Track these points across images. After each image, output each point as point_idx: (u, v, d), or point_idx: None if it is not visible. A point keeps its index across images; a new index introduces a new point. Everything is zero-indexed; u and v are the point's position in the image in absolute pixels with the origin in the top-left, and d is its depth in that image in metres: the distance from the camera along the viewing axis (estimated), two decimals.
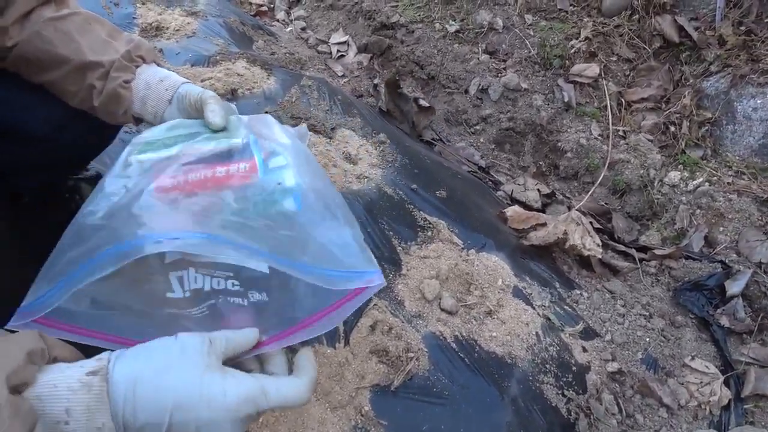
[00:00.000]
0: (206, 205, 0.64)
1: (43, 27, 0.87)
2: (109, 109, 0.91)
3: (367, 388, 1.02)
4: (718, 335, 1.39)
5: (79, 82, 0.90)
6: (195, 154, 0.72)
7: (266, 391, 0.56)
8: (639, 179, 1.64)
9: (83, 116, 0.97)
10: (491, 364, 1.12)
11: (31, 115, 0.95)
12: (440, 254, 1.28)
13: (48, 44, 0.88)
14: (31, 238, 1.20)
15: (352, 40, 2.19)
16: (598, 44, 1.90)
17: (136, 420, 0.51)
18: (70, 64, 0.88)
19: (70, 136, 1.01)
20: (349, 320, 1.10)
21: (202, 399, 0.53)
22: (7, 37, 0.87)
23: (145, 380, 0.52)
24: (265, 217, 0.64)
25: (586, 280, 1.45)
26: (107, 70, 0.89)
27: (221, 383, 0.54)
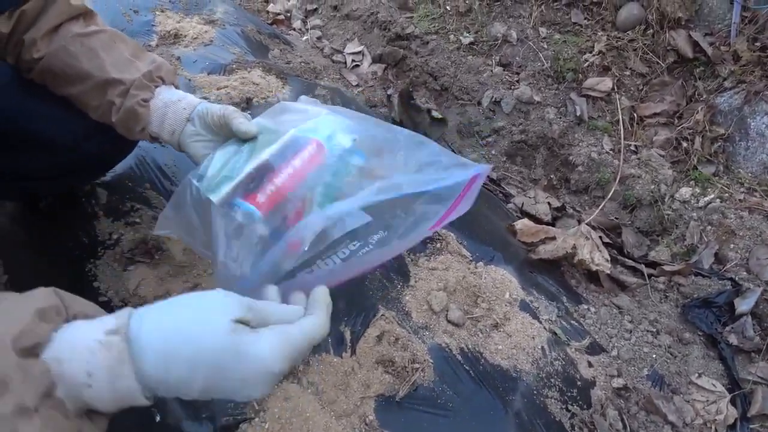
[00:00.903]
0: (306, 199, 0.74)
1: (70, 42, 0.91)
2: (128, 126, 0.95)
3: (372, 398, 1.04)
4: (726, 353, 1.38)
5: (100, 98, 0.93)
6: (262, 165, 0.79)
7: (294, 339, 0.56)
8: (650, 194, 1.64)
9: (106, 128, 1.00)
10: (496, 377, 1.13)
11: (57, 126, 0.99)
12: (448, 266, 1.29)
13: (73, 59, 0.91)
14: (48, 241, 1.23)
15: (367, 50, 2.21)
16: (611, 58, 1.90)
17: (168, 377, 0.50)
18: (93, 79, 0.92)
19: (94, 146, 1.04)
20: (356, 330, 1.12)
21: (236, 357, 0.51)
22: (35, 49, 0.91)
23: (174, 339, 0.51)
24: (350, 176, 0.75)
25: (593, 295, 1.45)
26: (127, 88, 0.92)
27: (256, 341, 0.53)
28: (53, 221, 1.25)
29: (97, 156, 1.07)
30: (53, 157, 1.02)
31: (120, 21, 1.92)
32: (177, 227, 0.86)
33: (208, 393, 0.52)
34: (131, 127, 0.95)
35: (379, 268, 0.87)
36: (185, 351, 0.50)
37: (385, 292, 1.21)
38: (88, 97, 0.95)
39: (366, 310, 1.16)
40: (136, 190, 1.30)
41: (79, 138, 1.00)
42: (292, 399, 1.00)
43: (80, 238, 1.20)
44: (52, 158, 1.03)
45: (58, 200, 1.27)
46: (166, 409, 0.97)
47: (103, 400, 0.49)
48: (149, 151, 1.38)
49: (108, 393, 0.48)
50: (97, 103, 0.94)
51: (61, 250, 1.19)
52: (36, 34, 0.91)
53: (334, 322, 1.12)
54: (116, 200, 1.27)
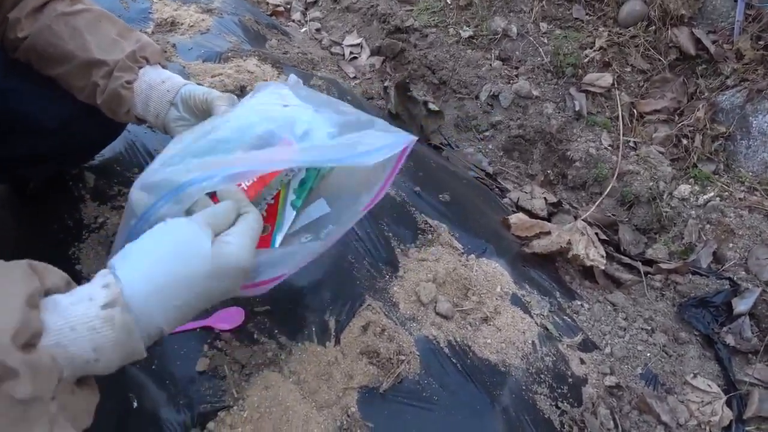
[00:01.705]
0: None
1: (54, 21, 0.89)
2: (112, 108, 0.92)
3: (355, 389, 1.01)
4: (722, 354, 1.35)
5: (85, 79, 0.91)
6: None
7: (250, 235, 0.63)
8: (648, 191, 1.61)
9: (93, 110, 0.99)
10: (484, 371, 1.10)
11: (43, 107, 0.97)
12: (439, 258, 1.26)
13: (57, 39, 0.89)
14: (34, 224, 1.21)
15: (366, 43, 2.19)
16: (612, 54, 1.88)
17: (173, 322, 0.56)
18: (77, 60, 0.89)
19: (81, 127, 1.02)
20: (340, 319, 1.09)
21: (223, 272, 0.58)
22: (19, 27, 0.89)
23: (171, 289, 0.55)
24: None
25: (588, 291, 1.42)
26: (111, 69, 0.89)
27: (231, 251, 0.59)
28: (40, 204, 1.22)
29: (84, 138, 1.05)
30: (40, 139, 1.00)
31: (117, 7, 1.90)
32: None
33: (200, 309, 0.58)
34: (116, 110, 0.93)
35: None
36: (183, 294, 0.55)
37: (372, 281, 1.19)
38: (73, 78, 0.92)
39: (352, 299, 1.13)
40: (125, 174, 1.28)
41: (65, 119, 0.98)
42: (272, 388, 0.97)
43: (65, 222, 1.18)
44: (39, 140, 1.01)
45: (46, 184, 1.25)
46: (143, 395, 0.95)
47: (109, 369, 0.52)
48: (139, 135, 1.36)
49: (115, 362, 0.51)
50: (81, 84, 0.92)
51: (46, 232, 1.17)
52: (20, 13, 0.89)
53: (319, 311, 1.10)
54: (103, 184, 1.25)
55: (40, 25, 0.89)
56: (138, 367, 0.97)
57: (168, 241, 0.57)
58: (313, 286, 1.14)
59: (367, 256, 1.23)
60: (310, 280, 1.15)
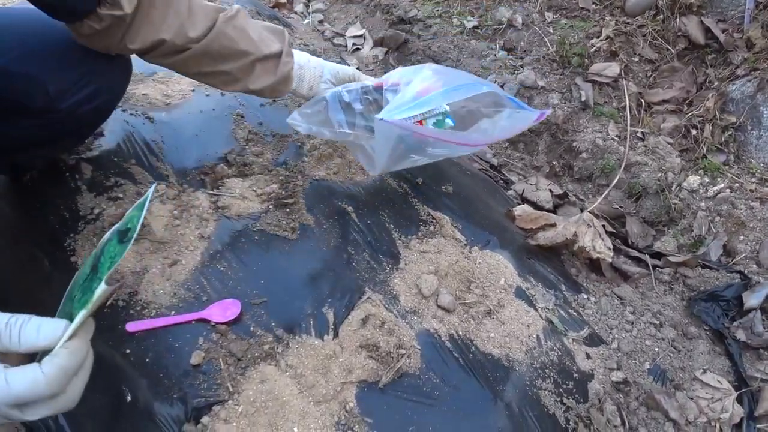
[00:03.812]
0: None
1: (224, 26, 1.04)
2: (279, 88, 1.16)
3: (353, 384, 0.98)
4: (732, 349, 1.31)
5: (249, 71, 1.10)
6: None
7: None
8: (656, 183, 1.57)
9: (79, 88, 0.97)
10: (486, 366, 1.07)
11: (29, 86, 0.95)
12: (441, 250, 1.23)
13: (230, 41, 1.05)
14: (31, 215, 1.19)
15: (369, 34, 2.16)
16: (619, 44, 1.84)
17: None
18: (247, 57, 1.08)
19: (69, 106, 1.00)
20: (339, 312, 1.07)
21: None
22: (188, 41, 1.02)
23: None
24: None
25: (594, 285, 1.39)
26: (278, 61, 1.13)
27: None
28: (36, 195, 1.21)
29: (73, 118, 1.03)
30: (29, 119, 0.99)
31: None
32: (309, 121, 1.24)
33: None
34: (281, 90, 1.17)
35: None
36: None
37: (372, 274, 1.16)
38: (238, 72, 1.10)
39: (351, 291, 1.11)
40: (121, 165, 1.26)
41: (51, 97, 0.97)
42: (268, 382, 0.95)
43: (62, 213, 1.16)
44: (28, 121, 0.99)
45: (42, 175, 1.23)
46: (136, 389, 0.93)
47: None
48: (137, 126, 1.34)
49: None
50: (243, 75, 1.11)
51: (42, 224, 1.15)
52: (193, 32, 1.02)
53: (317, 303, 1.07)
54: (100, 175, 1.23)
55: (216, 32, 1.02)
56: (132, 359, 0.95)
57: None
58: (311, 277, 1.12)
59: (367, 247, 1.20)
60: (308, 271, 1.13)
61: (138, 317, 1.00)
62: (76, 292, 0.62)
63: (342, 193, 1.30)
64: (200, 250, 1.12)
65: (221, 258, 1.11)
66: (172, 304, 1.03)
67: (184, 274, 1.08)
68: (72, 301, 0.61)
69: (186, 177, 1.26)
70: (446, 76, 1.20)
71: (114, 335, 0.98)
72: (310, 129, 1.26)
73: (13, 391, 0.49)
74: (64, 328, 0.54)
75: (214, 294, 1.05)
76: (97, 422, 0.90)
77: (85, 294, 0.58)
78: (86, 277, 0.62)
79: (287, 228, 1.19)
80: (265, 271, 1.11)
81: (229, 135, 1.38)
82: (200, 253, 1.12)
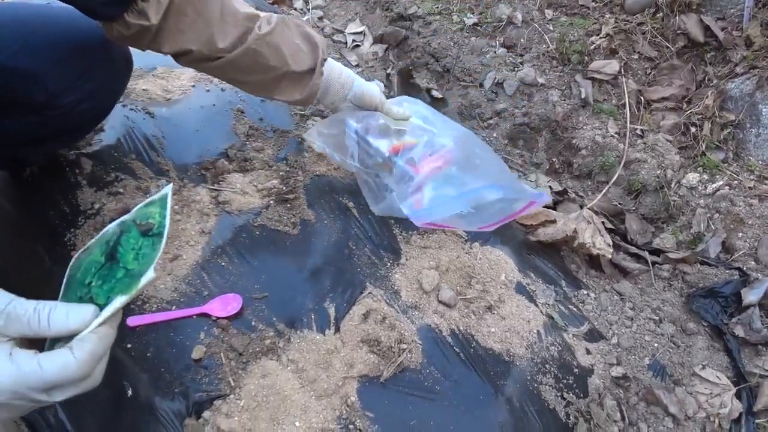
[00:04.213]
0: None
1: (258, 44, 1.01)
2: (304, 101, 1.13)
3: (355, 378, 0.98)
4: (731, 345, 1.32)
5: (276, 83, 1.09)
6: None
7: (23, 374, 0.50)
8: (655, 180, 1.58)
9: (79, 85, 0.97)
10: (487, 361, 1.08)
11: (30, 82, 0.95)
12: (442, 245, 1.23)
13: (261, 57, 1.03)
14: (31, 210, 1.19)
15: (369, 31, 2.15)
16: (619, 41, 1.84)
17: None
18: (276, 71, 1.06)
19: (69, 102, 1.00)
20: (341, 307, 1.07)
21: None
22: (218, 51, 1.00)
23: None
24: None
25: (594, 281, 1.39)
26: (308, 78, 1.10)
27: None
28: (36, 190, 1.20)
29: (74, 113, 1.03)
30: (31, 115, 0.99)
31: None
32: (325, 141, 1.28)
33: None
34: (306, 102, 1.14)
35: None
36: None
37: (373, 269, 1.16)
38: (265, 83, 1.09)
39: (353, 286, 1.11)
40: (122, 160, 1.26)
41: (51, 92, 0.96)
42: (270, 376, 0.95)
43: (62, 208, 1.16)
44: (28, 118, 0.99)
45: (42, 170, 1.23)
46: (137, 383, 0.93)
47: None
48: (138, 122, 1.34)
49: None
50: (273, 85, 1.10)
51: (42, 219, 1.15)
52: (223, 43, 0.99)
53: (318, 298, 1.07)
54: (100, 170, 1.22)
55: (245, 49, 1.00)
56: (132, 354, 0.95)
57: None
58: (312, 273, 1.12)
59: (368, 243, 1.21)
60: (309, 266, 1.13)
61: (139, 312, 1.00)
62: (89, 278, 0.62)
63: (343, 189, 1.30)
64: (201, 245, 1.12)
65: (222, 253, 1.11)
66: (173, 299, 1.03)
67: (185, 268, 1.08)
68: (85, 286, 0.61)
69: (186, 172, 1.26)
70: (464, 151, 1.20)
71: None
72: (323, 149, 1.30)
73: (46, 375, 0.50)
74: (93, 314, 0.55)
75: (215, 289, 1.05)
76: (98, 417, 0.90)
77: (108, 282, 0.60)
78: (101, 266, 0.63)
79: (288, 223, 1.19)
80: (266, 266, 1.11)
81: (229, 130, 1.38)
82: (201, 248, 1.12)
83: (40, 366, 0.50)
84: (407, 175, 1.16)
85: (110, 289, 0.59)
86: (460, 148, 1.20)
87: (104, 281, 0.60)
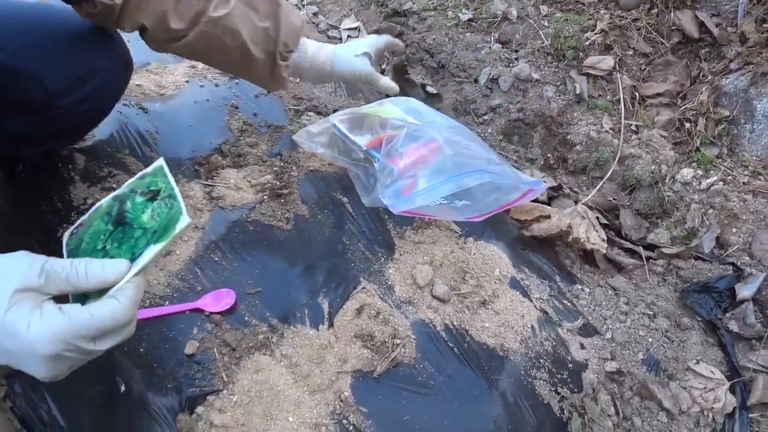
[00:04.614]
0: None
1: (210, 27, 0.98)
2: (276, 86, 1.13)
3: (348, 373, 0.98)
4: (725, 340, 1.32)
5: (243, 68, 1.08)
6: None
7: (76, 323, 0.54)
8: (650, 175, 1.58)
9: (78, 85, 0.97)
10: (481, 356, 1.08)
11: (29, 82, 0.94)
12: (436, 240, 1.23)
13: (216, 41, 1.00)
14: (23, 206, 1.18)
15: (364, 27, 2.15)
16: (614, 37, 1.84)
17: None
18: (236, 56, 1.03)
19: (68, 103, 1.00)
20: (334, 302, 1.07)
21: (8, 333, 0.51)
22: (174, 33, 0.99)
23: None
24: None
25: (588, 276, 1.39)
26: (272, 63, 1.07)
27: (27, 317, 0.52)
28: (29, 186, 1.20)
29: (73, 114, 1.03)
30: (30, 114, 0.99)
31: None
32: (314, 141, 1.29)
33: None
34: (280, 87, 1.14)
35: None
36: None
37: (367, 264, 1.16)
38: (232, 67, 1.09)
39: (346, 281, 1.11)
40: (115, 155, 1.25)
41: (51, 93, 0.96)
42: (263, 371, 0.94)
43: (54, 203, 1.16)
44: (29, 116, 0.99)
45: (35, 165, 1.22)
46: (130, 379, 0.92)
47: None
48: (131, 117, 1.33)
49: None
50: (240, 70, 1.10)
51: (35, 214, 1.14)
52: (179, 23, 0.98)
53: (312, 293, 1.07)
54: (93, 165, 1.22)
55: (199, 31, 0.98)
56: (125, 349, 0.95)
57: None
58: (306, 267, 1.12)
59: (362, 237, 1.20)
60: (303, 261, 1.13)
61: None
62: (100, 244, 0.67)
63: (337, 184, 1.30)
64: (194, 240, 1.12)
65: (215, 248, 1.11)
66: (166, 294, 1.02)
67: (178, 264, 1.07)
68: (100, 251, 0.67)
69: (180, 167, 1.25)
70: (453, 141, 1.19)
71: None
72: (313, 148, 1.30)
73: (97, 322, 0.55)
74: (127, 266, 0.61)
75: (208, 284, 1.05)
76: (91, 413, 0.90)
77: (126, 243, 0.66)
78: (110, 233, 0.68)
79: (282, 218, 1.19)
80: (260, 261, 1.11)
81: (223, 126, 1.37)
82: (194, 244, 1.11)
83: (91, 315, 0.55)
84: (387, 167, 1.16)
85: (132, 246, 0.64)
86: (450, 140, 1.20)
87: (121, 243, 0.66)
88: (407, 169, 1.15)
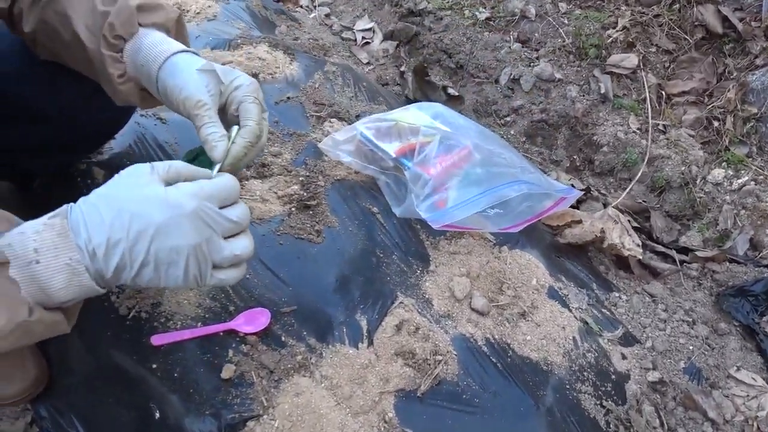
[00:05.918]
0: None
1: (44, 13, 0.78)
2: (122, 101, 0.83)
3: (391, 393, 0.95)
4: (764, 345, 1.29)
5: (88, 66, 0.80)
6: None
7: (202, 187, 0.60)
8: (680, 176, 1.54)
9: (95, 96, 0.93)
10: (525, 370, 1.04)
11: (41, 93, 0.92)
12: (470, 250, 1.20)
13: (52, 30, 0.79)
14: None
15: (378, 27, 2.11)
16: (636, 34, 1.80)
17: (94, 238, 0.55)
18: (74, 47, 0.78)
19: (81, 115, 0.97)
20: (372, 319, 1.03)
21: (147, 202, 0.57)
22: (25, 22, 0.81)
23: (96, 204, 0.57)
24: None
25: (624, 282, 1.36)
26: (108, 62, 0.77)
27: (161, 188, 0.58)
28: (46, 201, 1.16)
29: (87, 126, 1.00)
30: (42, 126, 0.95)
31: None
32: (340, 150, 1.26)
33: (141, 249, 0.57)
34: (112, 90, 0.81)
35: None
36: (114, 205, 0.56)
37: (403, 277, 1.12)
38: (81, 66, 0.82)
39: (383, 296, 1.07)
40: None
41: (63, 105, 0.93)
42: (303, 394, 0.91)
43: None
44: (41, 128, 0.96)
45: (52, 179, 1.19)
46: (165, 405, 0.89)
47: (53, 281, 0.55)
48: (149, 128, 1.30)
49: (55, 271, 0.55)
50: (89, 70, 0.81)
51: None
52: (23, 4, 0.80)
53: (349, 310, 1.03)
54: None
55: (38, 18, 0.79)
56: (159, 375, 0.91)
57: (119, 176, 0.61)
58: (340, 283, 1.08)
59: (395, 249, 1.17)
60: (337, 276, 1.09)
61: (163, 329, 0.96)
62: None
63: (366, 193, 1.26)
64: None
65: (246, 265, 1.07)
66: (197, 315, 0.99)
67: None
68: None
69: None
70: (485, 149, 1.18)
71: (139, 349, 0.93)
72: (340, 156, 1.27)
73: (218, 183, 0.62)
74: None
75: (240, 303, 1.01)
76: None
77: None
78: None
79: (312, 231, 1.15)
80: (293, 277, 1.07)
81: None
82: None
83: (212, 181, 0.62)
84: (419, 176, 1.14)
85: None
86: (480, 146, 1.17)
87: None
88: (439, 177, 1.12)
